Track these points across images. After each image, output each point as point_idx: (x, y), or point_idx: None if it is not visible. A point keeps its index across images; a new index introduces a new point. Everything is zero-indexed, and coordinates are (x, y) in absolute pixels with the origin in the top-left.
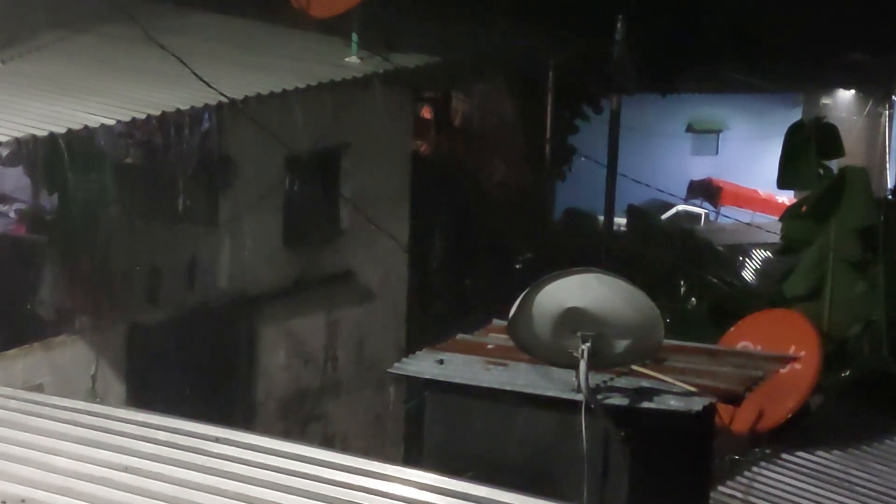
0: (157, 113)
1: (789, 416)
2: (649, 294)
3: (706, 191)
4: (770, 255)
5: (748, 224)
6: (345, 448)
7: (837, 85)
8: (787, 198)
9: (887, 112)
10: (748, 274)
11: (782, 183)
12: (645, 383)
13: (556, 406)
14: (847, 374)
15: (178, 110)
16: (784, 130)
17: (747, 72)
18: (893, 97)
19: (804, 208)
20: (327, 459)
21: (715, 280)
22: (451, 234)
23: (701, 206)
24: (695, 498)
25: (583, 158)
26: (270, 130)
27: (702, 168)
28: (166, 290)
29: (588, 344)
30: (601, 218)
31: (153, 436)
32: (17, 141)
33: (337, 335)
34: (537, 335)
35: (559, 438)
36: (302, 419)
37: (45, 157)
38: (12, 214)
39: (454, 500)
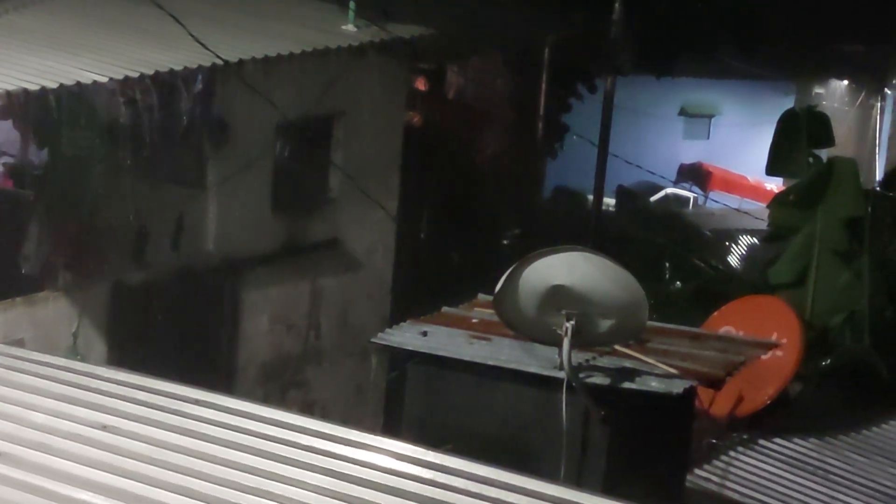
0: (151, 72)
1: (768, 402)
2: (635, 275)
3: (696, 175)
4: (756, 241)
5: (736, 210)
6: (324, 416)
7: (831, 75)
8: (775, 185)
9: (879, 104)
10: (734, 259)
11: (771, 170)
12: (627, 364)
13: (537, 382)
14: (827, 362)
15: (172, 70)
16: (776, 118)
17: (742, 58)
18: (886, 89)
19: (792, 196)
20: (306, 426)
21: (701, 264)
22: (441, 206)
23: (690, 190)
24: (671, 479)
25: (575, 137)
26: (264, 95)
27: (692, 152)
28: (152, 250)
29: (572, 322)
30: (590, 197)
31: (132, 395)
32: (8, 94)
33: (321, 303)
34: (522, 311)
35: (539, 414)
36: (282, 385)
37: (35, 111)
38: (0, 168)
39: (432, 471)
